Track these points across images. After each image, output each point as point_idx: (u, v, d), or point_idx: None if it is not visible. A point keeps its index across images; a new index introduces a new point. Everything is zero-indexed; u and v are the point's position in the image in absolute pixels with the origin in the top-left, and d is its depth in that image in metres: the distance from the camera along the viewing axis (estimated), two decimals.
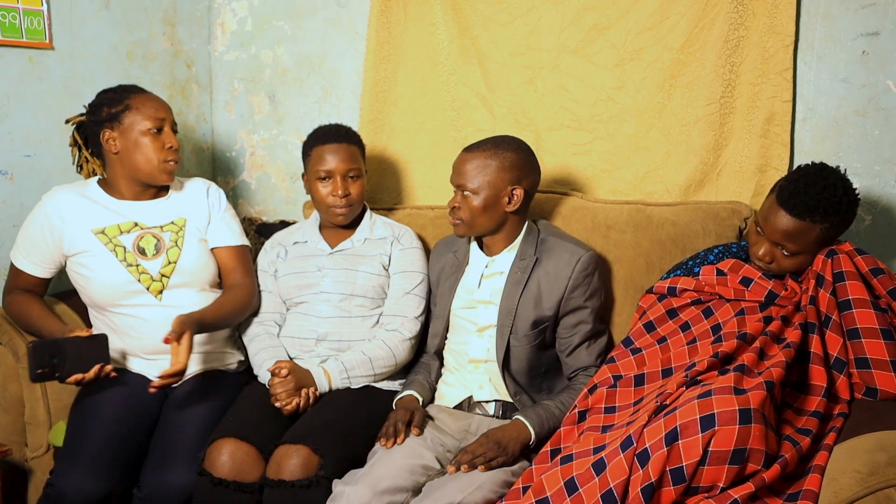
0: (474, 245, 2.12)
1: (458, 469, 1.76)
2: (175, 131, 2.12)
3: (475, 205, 1.98)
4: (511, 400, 2.03)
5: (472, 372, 2.05)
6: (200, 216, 2.17)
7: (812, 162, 1.85)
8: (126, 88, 2.11)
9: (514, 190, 1.99)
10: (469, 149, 2.04)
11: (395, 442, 1.85)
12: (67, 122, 2.20)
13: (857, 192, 1.82)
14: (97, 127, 2.07)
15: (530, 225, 2.08)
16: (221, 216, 2.21)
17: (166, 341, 1.89)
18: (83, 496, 1.79)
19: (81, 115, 2.16)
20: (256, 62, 2.81)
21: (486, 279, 2.07)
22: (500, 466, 1.79)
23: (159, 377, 1.90)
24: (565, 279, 1.99)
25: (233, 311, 2.14)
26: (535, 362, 2.02)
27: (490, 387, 2.03)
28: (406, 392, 2.04)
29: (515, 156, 2.00)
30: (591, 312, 2.03)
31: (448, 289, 2.12)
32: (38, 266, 2.09)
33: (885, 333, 1.72)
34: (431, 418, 1.99)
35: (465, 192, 1.99)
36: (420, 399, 2.03)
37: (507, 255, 2.06)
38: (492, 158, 1.98)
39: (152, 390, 1.90)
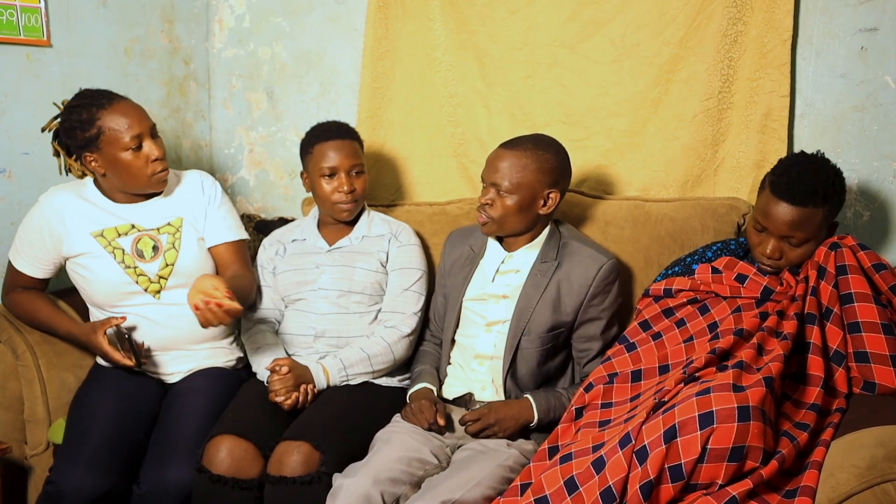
0: (492, 239, 2.07)
1: (463, 424, 1.90)
2: (155, 136, 2.05)
3: (509, 204, 1.92)
4: None
5: (476, 370, 2.03)
6: (197, 213, 2.16)
7: (791, 153, 1.85)
8: (94, 101, 1.99)
9: (551, 193, 1.94)
10: (507, 145, 1.97)
11: (429, 421, 1.88)
12: (43, 130, 2.11)
13: (839, 170, 1.84)
14: (77, 150, 2.02)
15: (552, 226, 2.04)
16: (217, 210, 2.18)
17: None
18: (82, 493, 1.80)
19: (56, 117, 2.08)
20: (254, 59, 2.81)
21: (500, 275, 2.03)
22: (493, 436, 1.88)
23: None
24: (586, 286, 1.95)
25: (246, 287, 2.12)
26: (542, 368, 2.00)
27: (492, 388, 2.02)
28: (420, 385, 2.04)
29: (555, 158, 1.95)
30: (609, 323, 2.01)
31: (461, 280, 2.08)
32: (37, 268, 2.09)
33: (885, 328, 1.72)
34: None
35: (501, 192, 1.93)
36: (434, 390, 2.03)
37: (526, 254, 2.02)
38: (531, 158, 1.92)
39: None
